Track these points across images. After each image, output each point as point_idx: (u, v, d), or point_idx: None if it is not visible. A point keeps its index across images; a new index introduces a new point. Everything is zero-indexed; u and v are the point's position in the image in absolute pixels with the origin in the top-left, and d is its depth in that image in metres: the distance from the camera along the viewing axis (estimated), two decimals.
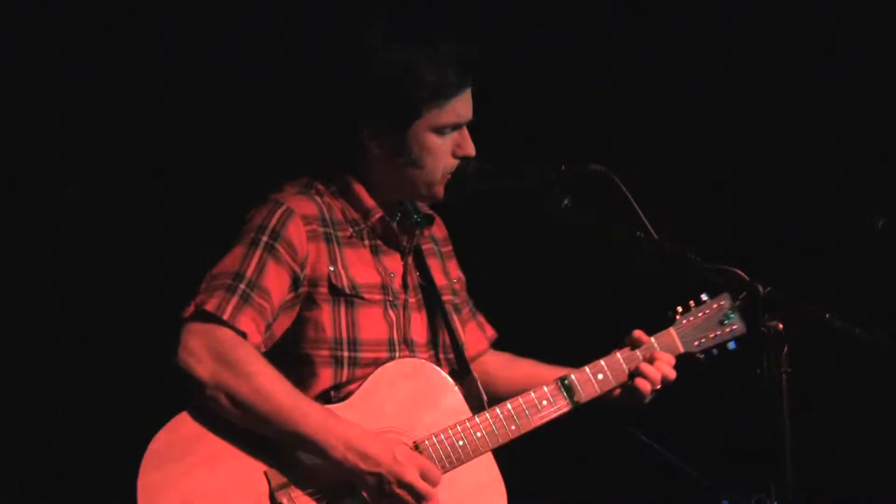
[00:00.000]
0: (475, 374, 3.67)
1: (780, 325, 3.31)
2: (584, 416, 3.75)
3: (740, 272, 3.42)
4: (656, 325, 3.80)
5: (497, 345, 3.98)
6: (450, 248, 3.88)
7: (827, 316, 3.37)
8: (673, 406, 4.03)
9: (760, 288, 3.38)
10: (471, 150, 3.61)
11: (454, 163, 3.61)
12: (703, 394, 4.80)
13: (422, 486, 3.40)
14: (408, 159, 3.57)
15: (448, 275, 3.83)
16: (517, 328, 4.05)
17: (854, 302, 4.03)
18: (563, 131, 5.11)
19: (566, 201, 3.59)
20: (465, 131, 3.62)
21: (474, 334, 3.90)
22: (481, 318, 3.95)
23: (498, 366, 3.90)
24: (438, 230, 3.86)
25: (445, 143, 3.59)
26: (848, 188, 5.10)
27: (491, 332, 3.97)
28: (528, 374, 3.78)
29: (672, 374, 3.71)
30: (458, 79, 3.55)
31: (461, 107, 3.58)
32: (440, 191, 3.62)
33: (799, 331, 3.33)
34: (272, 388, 3.36)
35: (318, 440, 3.36)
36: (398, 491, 3.39)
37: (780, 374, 3.29)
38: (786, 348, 3.30)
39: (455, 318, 3.75)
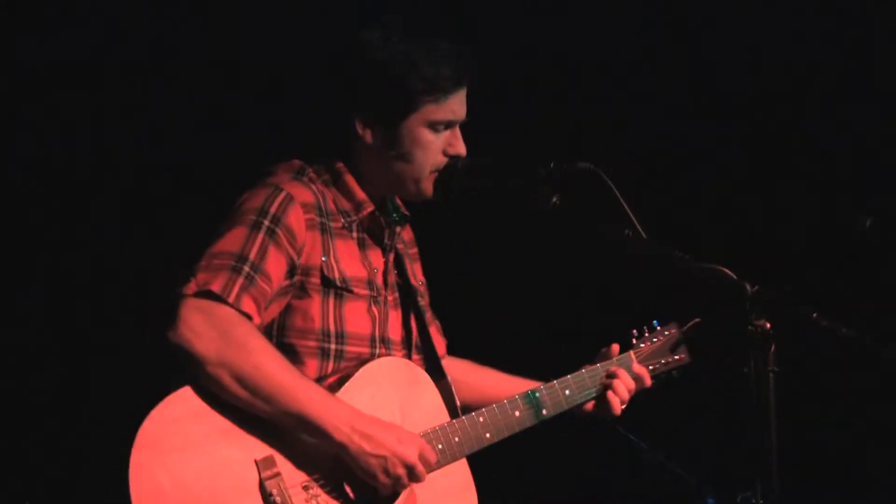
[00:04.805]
0: (450, 380, 3.69)
1: (768, 325, 3.33)
2: (566, 421, 3.80)
3: (728, 271, 3.43)
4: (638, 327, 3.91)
5: (479, 345, 4.00)
6: (416, 250, 3.90)
7: (814, 315, 3.37)
8: (660, 405, 4.05)
9: (748, 287, 3.38)
10: (462, 149, 3.62)
11: (444, 160, 3.62)
12: (690, 393, 4.81)
13: (421, 467, 3.43)
14: (398, 152, 3.58)
15: (416, 277, 3.84)
16: (505, 327, 4.07)
17: (842, 302, 4.04)
18: (552, 129, 5.12)
19: (555, 199, 3.59)
20: (458, 130, 3.63)
21: (436, 338, 3.90)
22: (439, 324, 3.96)
23: (461, 372, 3.91)
24: (406, 233, 3.86)
25: (437, 140, 3.60)
26: (835, 188, 5.11)
27: (444, 339, 3.98)
28: (493, 383, 3.85)
29: (633, 385, 3.86)
30: (455, 75, 3.56)
31: (457, 105, 3.60)
32: (428, 187, 3.63)
33: (786, 330, 3.34)
34: (276, 367, 3.34)
35: (322, 421, 3.35)
36: (400, 471, 3.40)
37: (767, 373, 3.30)
38: (773, 347, 3.31)
39: (424, 319, 3.77)
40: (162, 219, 4.69)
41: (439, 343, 3.88)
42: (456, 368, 3.90)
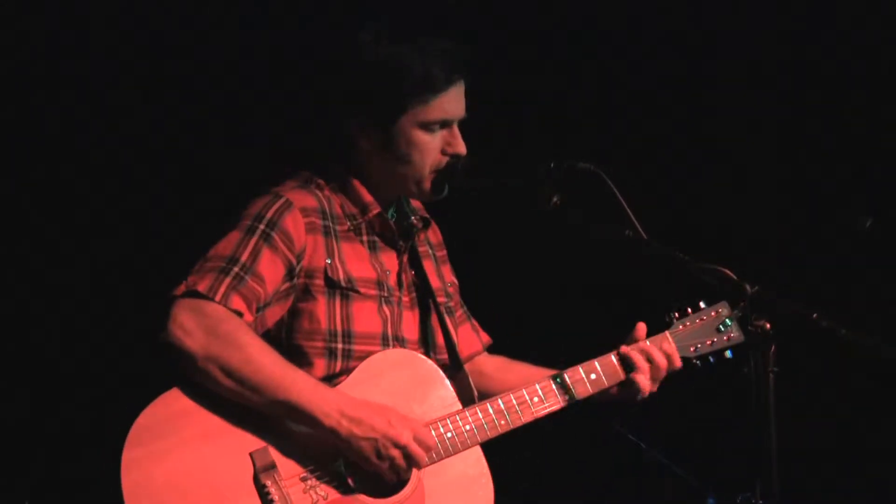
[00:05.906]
0: (467, 372, 3.67)
1: (768, 325, 3.33)
2: (573, 415, 3.76)
3: (729, 272, 3.43)
4: (651, 327, 3.82)
5: (491, 348, 3.99)
6: (444, 252, 3.90)
7: (814, 316, 3.38)
8: (660, 404, 4.04)
9: (748, 288, 3.39)
10: (461, 147, 3.62)
11: (443, 160, 3.61)
12: (691, 392, 4.81)
13: (415, 448, 3.42)
14: (395, 154, 3.58)
15: (442, 278, 3.84)
16: (508, 327, 4.06)
17: (842, 302, 4.04)
18: (552, 129, 5.12)
19: (555, 199, 3.59)
20: (456, 129, 3.62)
21: (468, 336, 3.91)
22: (475, 323, 3.97)
23: (494, 368, 3.91)
24: (434, 235, 3.87)
25: (434, 140, 3.59)
26: (836, 189, 5.11)
27: (486, 338, 3.98)
28: (525, 377, 3.77)
29: (664, 363, 3.72)
30: (444, 74, 3.55)
31: (449, 103, 3.58)
32: (428, 188, 3.63)
33: (786, 330, 3.34)
34: (264, 359, 3.36)
35: (311, 408, 3.37)
36: (393, 453, 3.40)
37: (767, 374, 3.30)
38: (773, 348, 3.31)
39: (448, 319, 3.76)
40: (161, 219, 4.69)
41: (468, 340, 3.89)
42: (488, 365, 3.91)
